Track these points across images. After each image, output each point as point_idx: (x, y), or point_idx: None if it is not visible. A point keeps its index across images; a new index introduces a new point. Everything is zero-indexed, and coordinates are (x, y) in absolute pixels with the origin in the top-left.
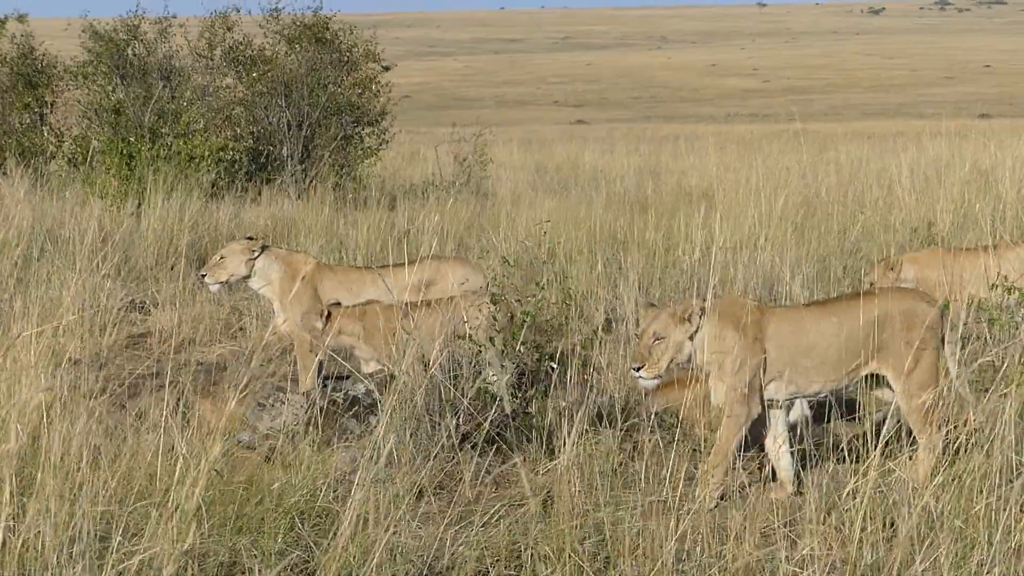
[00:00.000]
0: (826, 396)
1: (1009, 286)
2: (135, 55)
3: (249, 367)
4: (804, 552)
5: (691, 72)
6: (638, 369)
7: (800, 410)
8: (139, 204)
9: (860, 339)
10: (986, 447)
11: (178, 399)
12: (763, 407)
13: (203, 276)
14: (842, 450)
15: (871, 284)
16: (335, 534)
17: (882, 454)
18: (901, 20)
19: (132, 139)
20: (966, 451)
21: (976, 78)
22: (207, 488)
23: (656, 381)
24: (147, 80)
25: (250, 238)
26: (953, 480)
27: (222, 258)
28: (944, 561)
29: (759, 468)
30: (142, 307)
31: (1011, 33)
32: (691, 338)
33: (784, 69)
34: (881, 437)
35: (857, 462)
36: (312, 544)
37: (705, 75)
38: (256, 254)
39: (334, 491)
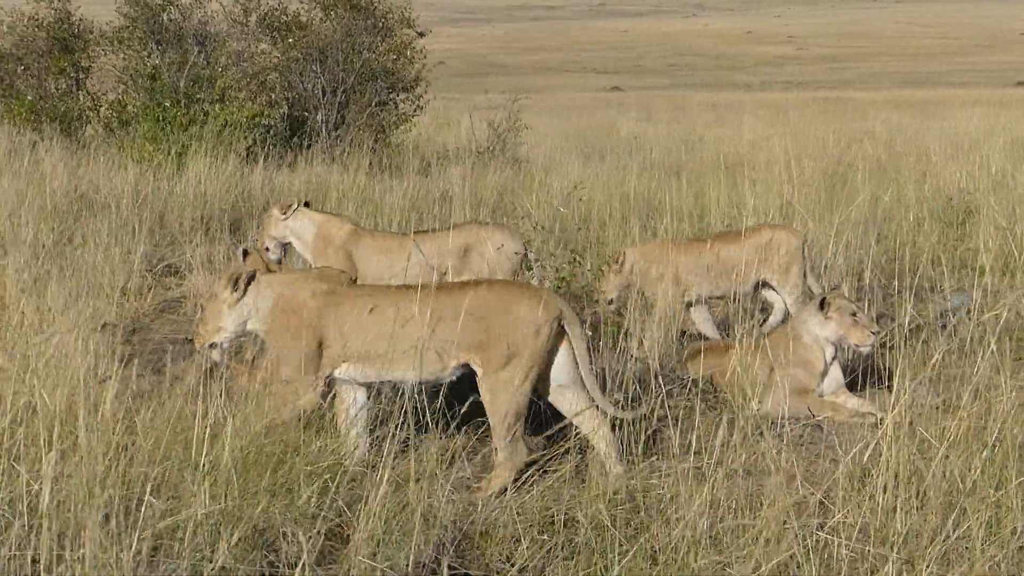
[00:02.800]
0: (414, 385)
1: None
2: (171, 20)
3: None
4: (836, 520)
5: (727, 40)
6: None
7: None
8: (175, 169)
9: (450, 329)
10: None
11: (213, 364)
12: (333, 390)
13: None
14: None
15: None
16: (368, 498)
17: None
18: None
19: (167, 104)
20: (996, 420)
21: (1012, 46)
22: (241, 451)
23: (217, 352)
24: (182, 45)
25: (306, 204)
26: (984, 448)
27: (263, 226)
28: (976, 530)
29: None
30: (176, 272)
31: None
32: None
33: (819, 37)
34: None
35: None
36: (345, 508)
37: (741, 43)
38: (288, 215)
39: (369, 455)
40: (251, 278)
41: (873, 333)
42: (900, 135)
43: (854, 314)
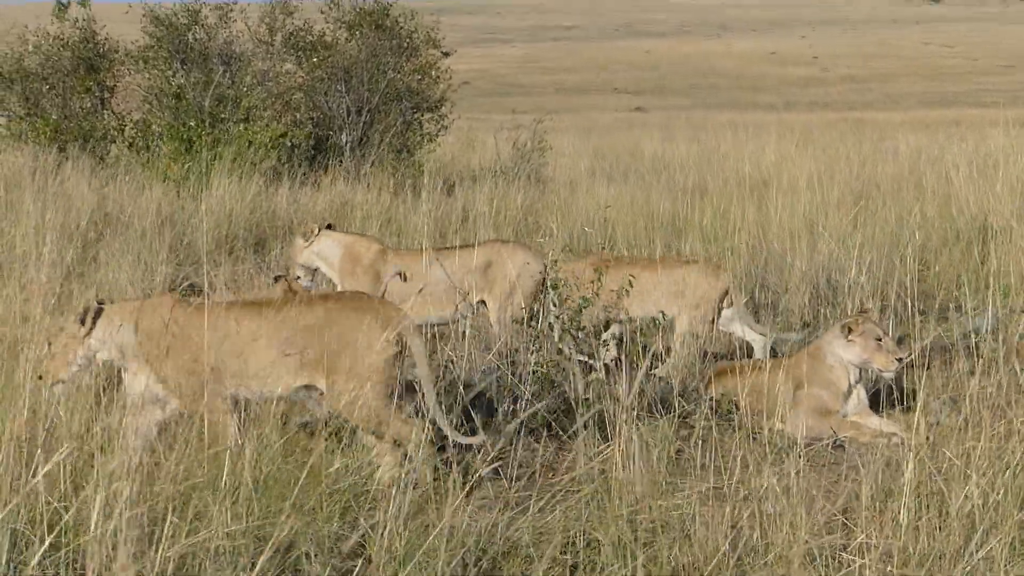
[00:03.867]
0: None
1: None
2: (196, 40)
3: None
4: (859, 541)
5: (750, 60)
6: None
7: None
8: (199, 189)
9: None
10: None
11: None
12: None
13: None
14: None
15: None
16: (390, 519)
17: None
18: (961, 9)
19: (192, 124)
20: (1019, 440)
21: None
22: (264, 470)
23: (61, 387)
24: (207, 65)
25: (329, 226)
26: (1007, 468)
27: (290, 254)
28: (999, 551)
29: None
30: (200, 291)
31: None
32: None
33: (843, 58)
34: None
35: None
36: (367, 527)
37: (764, 63)
38: (311, 241)
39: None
40: (98, 313)
41: (898, 360)
42: (923, 155)
43: (879, 339)
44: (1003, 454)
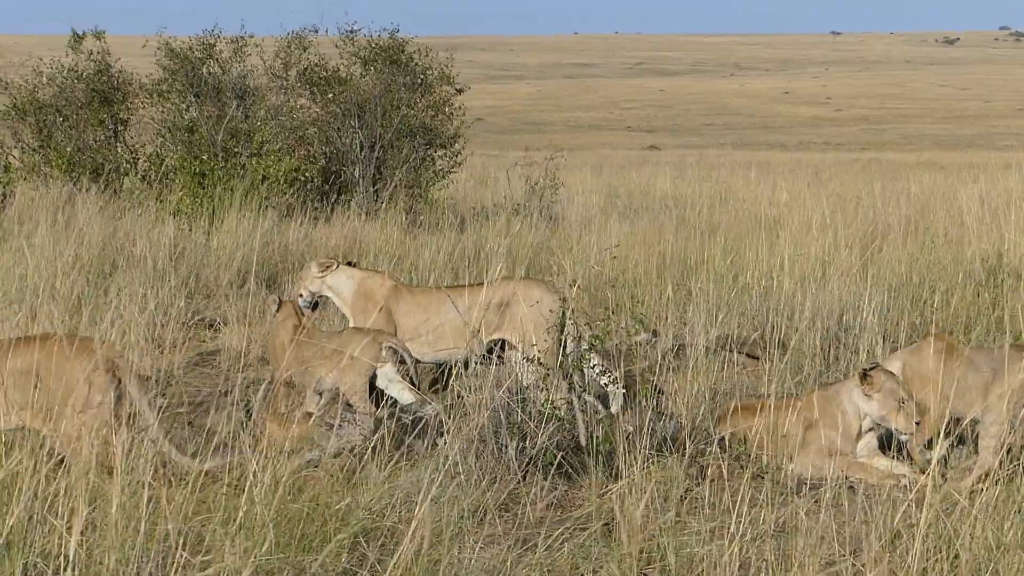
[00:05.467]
0: None
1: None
2: (210, 74)
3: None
4: None
5: (764, 99)
6: None
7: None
8: (211, 223)
9: None
10: None
11: (246, 418)
12: None
13: (291, 295)
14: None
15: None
16: (399, 554)
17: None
18: (975, 50)
19: (205, 157)
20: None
21: None
22: (274, 506)
23: None
24: (221, 99)
25: (349, 263)
26: (1018, 510)
27: (299, 277)
28: None
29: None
30: (212, 325)
31: None
32: None
33: (857, 98)
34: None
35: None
36: (376, 564)
37: (778, 103)
38: (326, 273)
39: (399, 511)
40: None
41: (916, 423)
42: (936, 197)
43: (901, 400)
44: (1012, 495)
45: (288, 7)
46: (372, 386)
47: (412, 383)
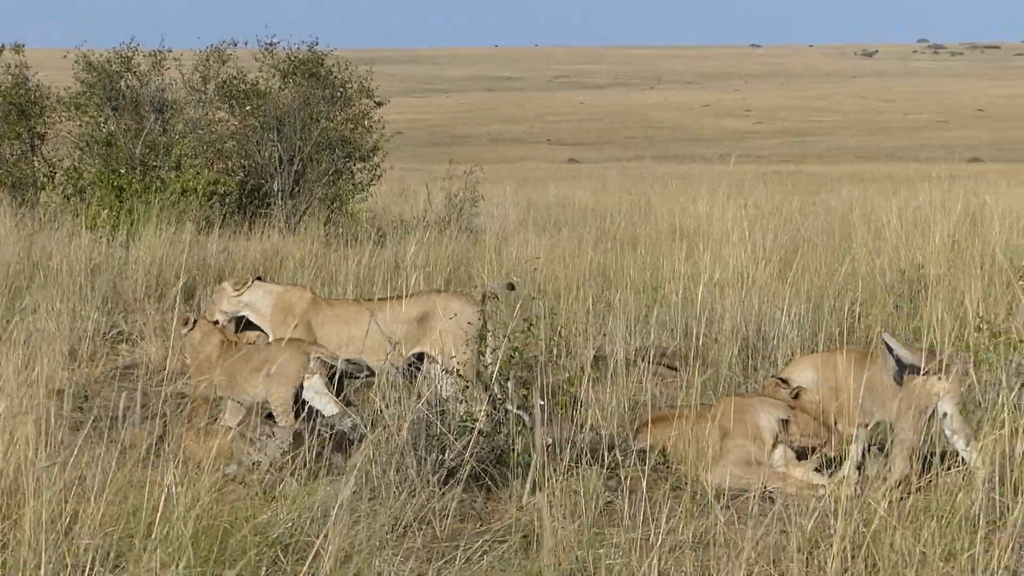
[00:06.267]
0: None
1: None
2: (128, 87)
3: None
4: None
5: (685, 112)
6: None
7: None
8: (129, 236)
9: None
10: (964, 486)
11: (163, 431)
12: None
13: (204, 314)
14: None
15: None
16: (317, 568)
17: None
18: (895, 63)
19: (123, 171)
20: (948, 493)
21: (969, 122)
22: (192, 520)
23: None
24: (139, 112)
25: (258, 278)
26: (935, 519)
27: (213, 299)
28: None
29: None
30: (129, 339)
31: (1004, 78)
32: None
33: (778, 110)
34: (847, 473)
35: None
36: None
37: (699, 115)
38: (241, 292)
39: (318, 525)
40: None
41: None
42: (857, 208)
43: (815, 435)
44: (929, 505)
45: (208, 21)
46: (297, 398)
47: (343, 385)
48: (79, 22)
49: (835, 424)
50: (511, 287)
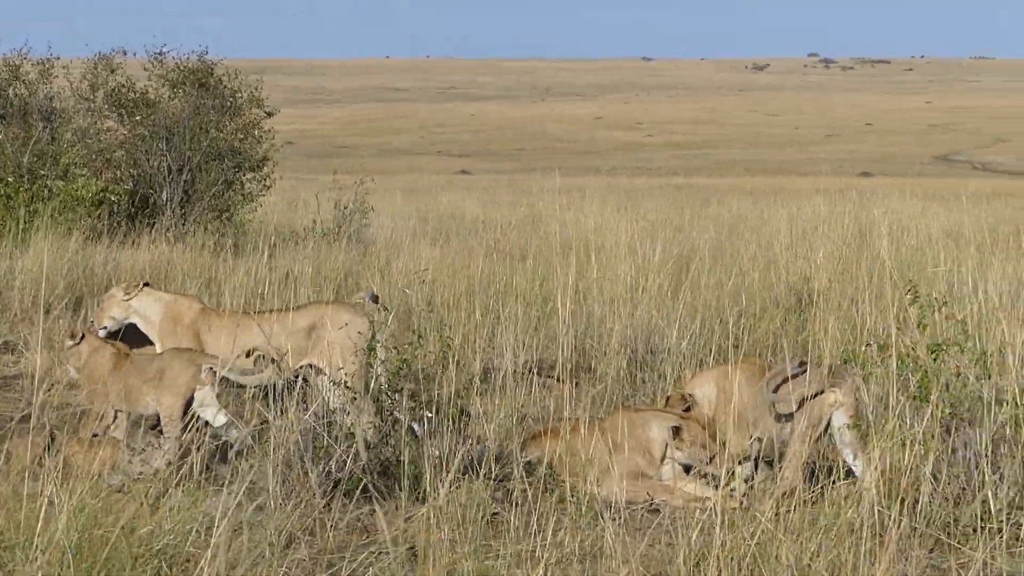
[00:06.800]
0: None
1: None
2: (16, 95)
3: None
4: None
5: (576, 124)
6: None
7: None
8: (16, 246)
9: None
10: (853, 499)
11: (48, 442)
12: None
13: (91, 324)
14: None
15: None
16: None
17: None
18: (785, 77)
19: (10, 179)
20: (833, 505)
21: (858, 136)
22: (76, 531)
23: None
24: (27, 121)
25: (147, 284)
26: (821, 533)
27: (101, 305)
28: None
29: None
30: (14, 349)
31: (893, 92)
32: None
33: (668, 123)
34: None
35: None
36: None
37: (590, 128)
38: (131, 296)
39: (203, 536)
40: None
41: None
42: (746, 222)
43: (704, 445)
44: (817, 518)
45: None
46: (187, 408)
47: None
48: None
49: (730, 435)
50: (375, 299)
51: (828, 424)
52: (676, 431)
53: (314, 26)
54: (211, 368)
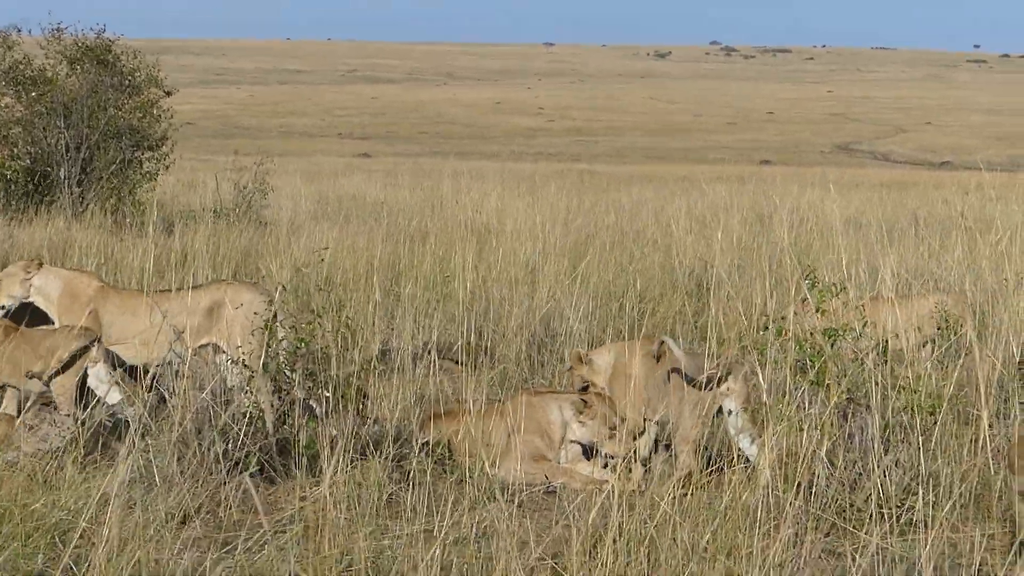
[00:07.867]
0: None
1: None
2: None
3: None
4: None
5: (478, 109)
6: None
7: None
8: None
9: None
10: (749, 484)
11: None
12: None
13: None
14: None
15: None
16: (93, 556)
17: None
18: (687, 65)
19: None
20: (731, 489)
21: (759, 125)
22: None
23: None
24: None
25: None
26: (718, 516)
27: (1, 284)
28: None
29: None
30: None
31: (795, 81)
32: None
33: (569, 109)
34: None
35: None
36: (72, 565)
37: (492, 113)
38: (32, 274)
39: (97, 513)
40: None
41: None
42: (646, 208)
43: (613, 427)
44: (713, 501)
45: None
46: (82, 385)
47: (119, 383)
48: None
49: (628, 409)
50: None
51: (719, 410)
52: (581, 404)
53: (217, 5)
54: (104, 345)
